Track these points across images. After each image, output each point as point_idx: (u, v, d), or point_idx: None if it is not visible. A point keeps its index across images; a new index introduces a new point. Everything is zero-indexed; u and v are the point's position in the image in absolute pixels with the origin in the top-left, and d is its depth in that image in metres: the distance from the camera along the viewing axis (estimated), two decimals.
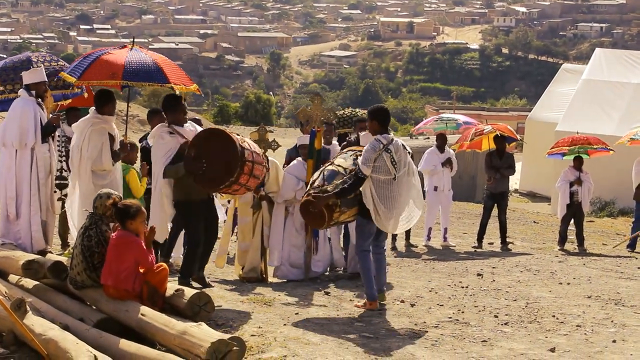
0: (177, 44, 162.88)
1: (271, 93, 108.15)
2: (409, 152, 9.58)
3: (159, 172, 9.69)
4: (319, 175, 9.62)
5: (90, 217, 8.30)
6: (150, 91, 62.30)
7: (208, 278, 10.60)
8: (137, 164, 11.60)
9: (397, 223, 9.53)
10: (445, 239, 16.18)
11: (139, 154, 11.62)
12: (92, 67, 9.76)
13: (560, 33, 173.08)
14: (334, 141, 12.56)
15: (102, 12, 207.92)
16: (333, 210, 9.31)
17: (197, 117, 14.46)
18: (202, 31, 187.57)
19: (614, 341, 8.40)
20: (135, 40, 10.54)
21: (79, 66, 9.83)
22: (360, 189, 9.30)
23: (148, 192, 10.99)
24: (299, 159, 11.61)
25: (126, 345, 6.96)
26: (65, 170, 11.52)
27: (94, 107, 10.25)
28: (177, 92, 9.93)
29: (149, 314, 7.47)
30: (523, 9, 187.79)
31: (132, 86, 10.33)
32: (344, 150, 10.09)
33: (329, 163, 9.81)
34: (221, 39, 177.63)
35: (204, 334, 6.83)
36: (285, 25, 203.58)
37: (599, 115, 27.71)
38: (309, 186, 9.61)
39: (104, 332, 7.32)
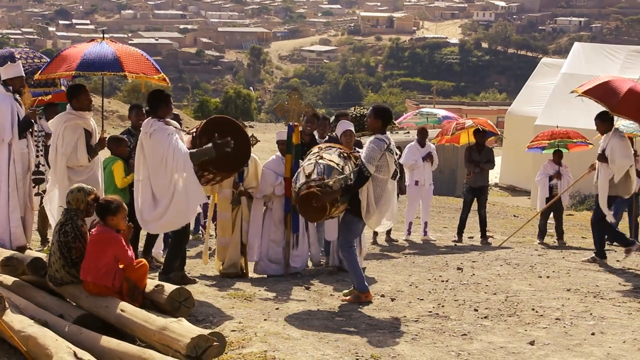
0: (157, 39, 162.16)
1: (251, 88, 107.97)
2: (396, 154, 9.71)
3: (183, 162, 9.34)
4: (314, 167, 9.49)
5: (65, 213, 8.27)
6: (130, 86, 62.13)
7: (188, 274, 10.59)
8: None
9: (380, 221, 9.73)
10: (425, 233, 16.22)
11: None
12: (53, 62, 10.18)
13: (540, 27, 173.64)
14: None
15: (81, 7, 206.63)
16: (332, 205, 9.34)
17: (175, 112, 14.37)
18: (181, 26, 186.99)
19: (593, 334, 8.45)
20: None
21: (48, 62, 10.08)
22: None
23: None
24: (278, 154, 11.61)
25: (106, 341, 6.94)
26: (43, 165, 11.46)
27: None
28: (130, 80, 10.06)
29: (129, 310, 7.46)
30: (502, 3, 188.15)
31: (84, 76, 10.49)
32: (323, 147, 10.04)
33: (318, 156, 9.70)
34: (201, 34, 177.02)
35: (184, 329, 6.83)
36: (265, 20, 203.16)
37: (578, 109, 27.71)
38: (303, 178, 9.47)
39: (84, 328, 7.30)
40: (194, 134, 9.85)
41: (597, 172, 12.89)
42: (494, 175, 31.36)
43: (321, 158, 9.56)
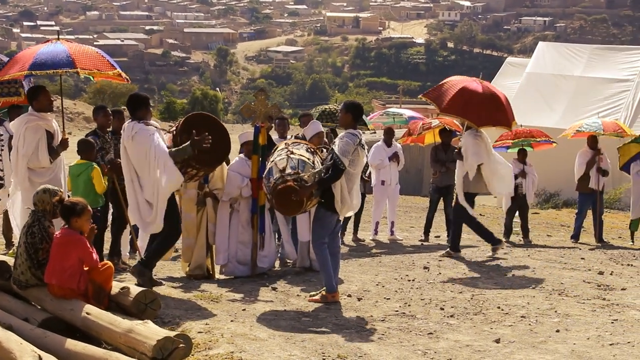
0: (123, 40, 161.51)
1: (218, 89, 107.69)
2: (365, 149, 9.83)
3: (164, 159, 9.40)
4: (287, 162, 9.47)
5: (33, 215, 8.22)
6: (96, 88, 61.85)
7: (155, 276, 10.55)
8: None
9: (350, 211, 9.88)
10: (392, 232, 16.25)
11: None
12: (8, 64, 10.39)
13: (505, 27, 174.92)
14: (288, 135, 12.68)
15: (45, 8, 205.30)
16: (308, 199, 9.36)
17: None
18: (147, 27, 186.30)
19: (558, 331, 8.52)
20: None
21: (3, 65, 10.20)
22: None
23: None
24: (241, 155, 11.56)
25: (71, 344, 6.91)
26: (2, 170, 11.38)
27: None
28: (82, 76, 10.46)
29: (94, 313, 7.43)
30: (467, 3, 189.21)
31: (37, 75, 10.66)
32: (290, 143, 10.06)
33: (288, 151, 9.67)
34: (167, 35, 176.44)
35: (150, 331, 6.81)
36: (231, 21, 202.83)
37: (542, 108, 28.07)
38: (277, 172, 9.41)
39: (49, 331, 7.26)
40: (174, 132, 9.87)
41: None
42: None
43: (292, 153, 9.58)
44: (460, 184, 13.28)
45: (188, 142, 9.47)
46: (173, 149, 9.52)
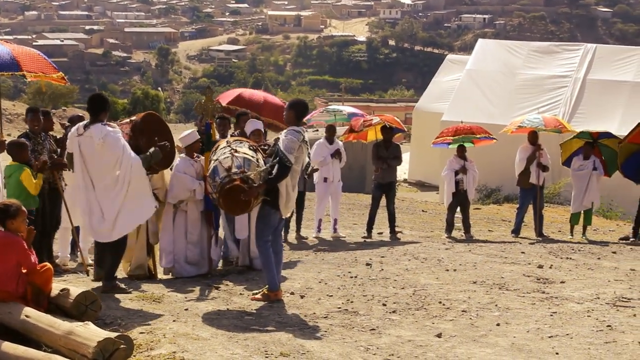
0: (62, 40, 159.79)
1: (159, 89, 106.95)
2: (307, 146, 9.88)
3: (138, 167, 9.43)
4: (231, 161, 9.44)
5: None
6: (35, 89, 61.04)
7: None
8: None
9: (290, 209, 9.95)
10: (335, 230, 16.28)
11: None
12: None
13: (445, 24, 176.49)
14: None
15: None
16: (256, 198, 9.34)
17: (79, 114, 14.16)
18: (87, 27, 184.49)
19: (498, 324, 8.63)
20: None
21: None
22: None
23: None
24: (182, 155, 11.43)
25: (11, 348, 6.83)
26: None
27: None
28: (28, 79, 10.38)
29: (34, 315, 7.35)
30: (408, 1, 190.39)
31: None
32: (232, 141, 10.06)
33: (232, 150, 9.65)
34: (107, 35, 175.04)
35: (90, 333, 6.75)
36: (172, 20, 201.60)
37: (483, 105, 28.35)
38: (223, 172, 9.36)
39: None
40: (131, 134, 9.76)
41: None
42: (402, 171, 31.70)
43: (236, 151, 9.57)
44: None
45: (157, 149, 9.63)
46: (142, 156, 9.52)
